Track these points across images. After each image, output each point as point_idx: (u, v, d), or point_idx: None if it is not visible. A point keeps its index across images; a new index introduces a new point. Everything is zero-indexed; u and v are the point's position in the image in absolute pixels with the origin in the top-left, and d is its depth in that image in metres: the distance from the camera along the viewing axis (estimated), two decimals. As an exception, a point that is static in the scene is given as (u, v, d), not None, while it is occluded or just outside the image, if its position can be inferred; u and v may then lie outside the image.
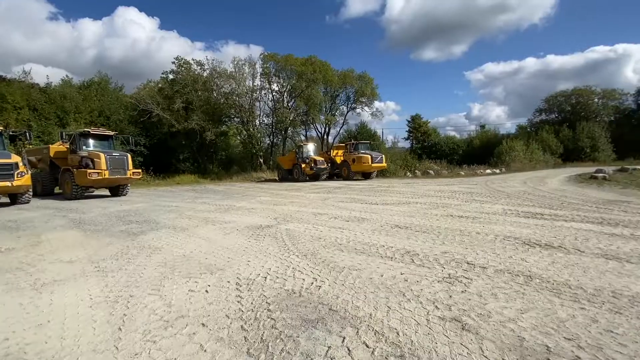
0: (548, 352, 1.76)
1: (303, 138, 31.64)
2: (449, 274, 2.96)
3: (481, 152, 28.34)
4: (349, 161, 18.43)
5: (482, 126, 36.95)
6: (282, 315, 2.30)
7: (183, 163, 27.95)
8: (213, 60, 26.77)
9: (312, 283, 2.88)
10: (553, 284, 2.69)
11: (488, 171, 21.34)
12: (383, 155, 18.75)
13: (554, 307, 2.27)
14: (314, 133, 33.63)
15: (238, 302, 2.57)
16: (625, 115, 32.06)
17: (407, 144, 35.47)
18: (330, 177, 20.15)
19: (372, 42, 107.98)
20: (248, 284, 2.93)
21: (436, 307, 2.32)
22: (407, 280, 2.84)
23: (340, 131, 32.64)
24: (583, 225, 4.88)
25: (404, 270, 3.10)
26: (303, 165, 18.64)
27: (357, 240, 4.32)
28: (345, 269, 3.22)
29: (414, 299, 2.46)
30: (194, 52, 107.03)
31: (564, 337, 1.89)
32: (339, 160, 19.83)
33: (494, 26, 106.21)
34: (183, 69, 26.45)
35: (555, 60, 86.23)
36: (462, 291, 2.58)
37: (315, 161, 18.35)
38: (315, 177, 18.79)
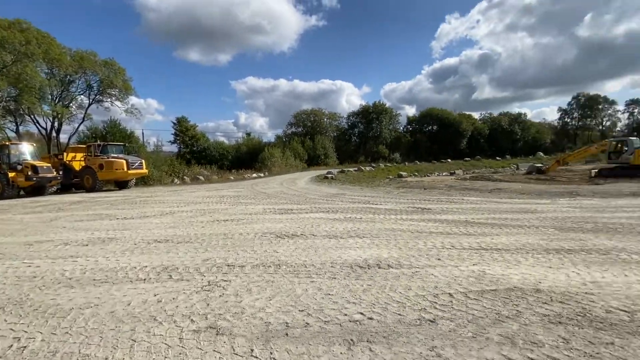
0: (287, 327, 2.04)
1: (13, 135, 22.13)
2: (209, 281, 2.89)
3: (248, 158, 31.29)
4: (95, 167, 14.59)
5: (248, 134, 40.77)
6: None
7: None
8: None
9: (11, 347, 1.93)
10: (295, 266, 3.25)
11: (254, 175, 23.74)
12: (143, 160, 16.26)
13: (294, 287, 2.72)
14: (33, 129, 24.38)
15: None
16: (342, 133, 46.29)
17: (174, 148, 32.66)
18: (67, 189, 15.27)
19: (125, 27, 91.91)
20: None
21: (192, 320, 2.16)
22: (160, 301, 2.49)
23: (80, 128, 25.32)
24: (317, 214, 6.36)
25: (158, 291, 2.71)
26: (11, 175, 12.81)
27: (98, 269, 3.39)
28: (74, 309, 2.41)
29: (166, 321, 2.17)
30: None
31: (299, 310, 2.28)
32: (77, 166, 15.34)
33: (253, 44, 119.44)
34: None
35: (300, 85, 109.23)
36: (220, 295, 2.58)
37: (35, 168, 13.06)
38: (37, 190, 13.54)
